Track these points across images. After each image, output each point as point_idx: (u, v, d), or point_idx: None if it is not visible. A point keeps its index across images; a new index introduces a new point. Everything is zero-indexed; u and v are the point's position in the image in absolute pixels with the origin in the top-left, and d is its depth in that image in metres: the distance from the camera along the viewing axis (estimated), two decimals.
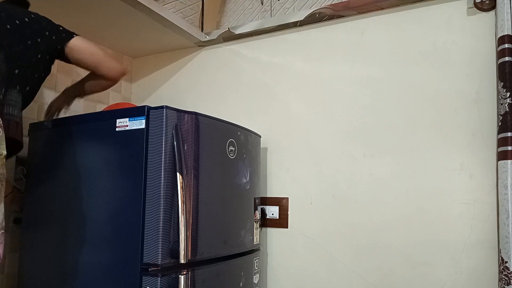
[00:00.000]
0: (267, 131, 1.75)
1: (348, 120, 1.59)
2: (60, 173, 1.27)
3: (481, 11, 1.40)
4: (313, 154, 1.64)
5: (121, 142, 1.16)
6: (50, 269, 1.25)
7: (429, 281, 1.38)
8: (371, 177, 1.52)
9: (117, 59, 1.30)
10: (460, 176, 1.38)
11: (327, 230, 1.57)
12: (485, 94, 1.37)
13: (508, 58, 1.26)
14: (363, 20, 1.60)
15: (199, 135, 1.21)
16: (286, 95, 1.73)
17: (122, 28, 1.76)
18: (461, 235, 1.35)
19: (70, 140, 1.27)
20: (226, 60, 1.89)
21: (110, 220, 1.14)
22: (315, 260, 1.58)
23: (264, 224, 1.70)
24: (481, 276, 1.31)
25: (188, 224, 1.13)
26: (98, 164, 1.19)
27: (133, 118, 1.15)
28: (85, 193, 1.21)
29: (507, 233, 1.20)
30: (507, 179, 1.21)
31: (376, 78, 1.55)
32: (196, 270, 1.16)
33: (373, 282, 1.47)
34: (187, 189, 1.15)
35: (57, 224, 1.26)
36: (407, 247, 1.43)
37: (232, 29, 1.83)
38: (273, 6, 1.94)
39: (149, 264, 1.07)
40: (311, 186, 1.63)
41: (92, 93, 1.40)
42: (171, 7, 1.77)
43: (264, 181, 1.73)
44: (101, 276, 1.14)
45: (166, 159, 1.11)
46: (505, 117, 1.25)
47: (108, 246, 1.14)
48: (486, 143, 1.35)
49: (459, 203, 1.37)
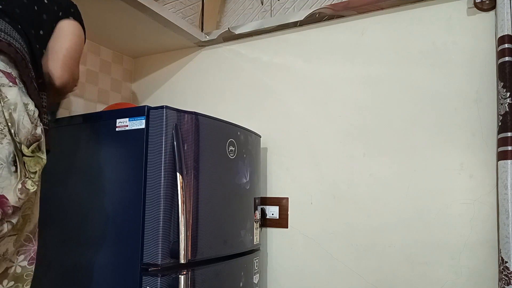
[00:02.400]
0: (267, 131, 1.75)
1: (348, 120, 1.59)
2: (60, 173, 1.27)
3: (481, 11, 1.40)
4: (313, 154, 1.64)
5: (121, 142, 1.16)
6: (50, 269, 1.25)
7: (429, 281, 1.38)
8: (371, 177, 1.52)
9: (75, 76, 1.09)
10: (460, 176, 1.38)
11: (327, 230, 1.57)
12: (485, 94, 1.37)
13: (508, 58, 1.26)
14: (363, 20, 1.60)
15: (199, 135, 1.21)
16: (286, 95, 1.73)
17: (122, 28, 1.76)
18: (461, 235, 1.35)
19: (70, 140, 1.27)
20: (226, 60, 1.89)
21: (110, 220, 1.14)
22: (315, 260, 1.58)
23: (264, 224, 1.70)
24: (481, 276, 1.31)
25: (188, 224, 1.13)
26: (98, 164, 1.19)
27: (133, 118, 1.15)
28: (85, 193, 1.21)
29: (507, 233, 1.20)
30: (507, 179, 1.21)
31: (376, 78, 1.55)
32: (196, 270, 1.16)
33: (373, 282, 1.47)
34: (187, 189, 1.15)
35: (57, 224, 1.26)
36: (407, 247, 1.43)
37: (232, 29, 1.83)
38: (273, 6, 1.94)
39: (149, 264, 1.07)
40: (311, 186, 1.63)
41: (54, 101, 1.18)
42: (171, 7, 1.77)
43: (264, 181, 1.73)
44: (101, 276, 1.14)
45: (166, 159, 1.11)
46: (505, 117, 1.25)
47: (108, 246, 1.14)
48: (486, 143, 1.35)
49: (459, 203, 1.37)
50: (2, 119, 0.74)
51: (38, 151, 0.82)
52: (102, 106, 1.94)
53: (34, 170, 0.81)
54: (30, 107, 0.79)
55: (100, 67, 1.21)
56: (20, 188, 0.77)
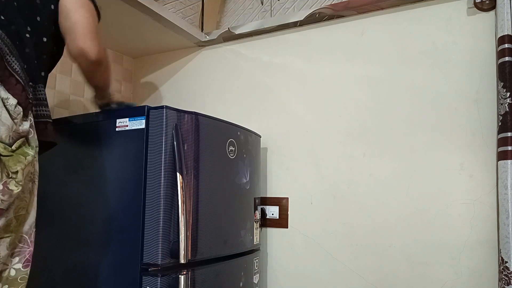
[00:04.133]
0: (267, 131, 1.75)
1: (348, 120, 1.59)
2: (60, 173, 1.27)
3: (481, 11, 1.40)
4: (313, 154, 1.64)
5: (121, 142, 1.16)
6: (50, 269, 1.25)
7: (429, 281, 1.38)
8: (371, 177, 1.52)
9: (103, 47, 1.07)
10: (460, 176, 1.38)
11: (327, 230, 1.57)
12: (485, 94, 1.37)
13: (508, 58, 1.26)
14: (363, 20, 1.60)
15: (199, 135, 1.21)
16: (286, 95, 1.73)
17: (122, 28, 1.76)
18: (461, 235, 1.35)
19: (70, 140, 1.27)
20: (226, 60, 1.89)
21: (110, 220, 1.14)
22: (315, 260, 1.58)
23: (264, 224, 1.70)
24: (481, 276, 1.31)
25: (188, 224, 1.13)
26: (98, 164, 1.19)
27: (133, 118, 1.15)
28: (85, 193, 1.21)
29: (507, 233, 1.20)
30: (507, 179, 1.21)
31: (376, 78, 1.55)
32: (196, 270, 1.16)
33: (373, 282, 1.47)
34: (187, 189, 1.15)
35: (57, 224, 1.26)
36: (407, 247, 1.43)
37: (232, 29, 1.83)
38: (273, 6, 1.94)
39: (149, 264, 1.07)
40: (311, 186, 1.62)
41: (96, 85, 1.22)
42: (171, 7, 1.77)
43: (264, 181, 1.73)
44: (101, 276, 1.14)
45: (166, 159, 1.11)
46: (505, 117, 1.25)
47: (108, 246, 1.14)
48: (486, 143, 1.35)
49: (459, 203, 1.37)
50: None
51: (26, 147, 0.78)
52: None
53: (15, 169, 0.76)
54: (10, 102, 0.74)
55: None
56: (2, 190, 0.74)
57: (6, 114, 0.73)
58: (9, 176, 0.75)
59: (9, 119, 0.74)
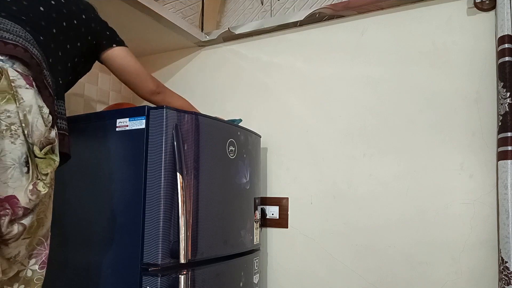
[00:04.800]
0: (267, 131, 1.75)
1: (348, 120, 1.59)
2: (60, 173, 1.27)
3: (481, 11, 1.40)
4: (313, 154, 1.64)
5: (121, 142, 1.16)
6: (50, 269, 1.24)
7: (429, 281, 1.38)
8: (371, 177, 1.52)
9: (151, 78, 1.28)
10: (460, 176, 1.38)
11: (327, 230, 1.57)
12: (485, 94, 1.37)
13: (508, 58, 1.26)
14: (363, 20, 1.60)
15: (199, 135, 1.21)
16: (286, 95, 1.73)
17: (122, 28, 1.75)
18: (461, 235, 1.35)
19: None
20: (226, 60, 1.89)
21: (110, 220, 1.14)
22: (315, 260, 1.58)
23: (264, 224, 1.70)
24: (481, 276, 1.31)
25: (188, 224, 1.13)
26: (98, 164, 1.19)
27: (133, 118, 1.15)
28: (85, 193, 1.21)
29: (507, 233, 1.20)
30: (507, 179, 1.21)
31: (376, 78, 1.55)
32: (196, 270, 1.16)
33: (373, 282, 1.47)
34: (187, 189, 1.15)
35: (57, 224, 1.25)
36: (407, 247, 1.43)
37: (232, 29, 1.83)
38: (273, 6, 1.94)
39: (149, 264, 1.07)
40: (311, 186, 1.63)
41: None
42: (171, 7, 1.77)
43: (264, 181, 1.73)
44: (101, 276, 1.14)
45: (166, 159, 1.11)
46: (505, 117, 1.25)
47: (108, 246, 1.14)
48: (486, 143, 1.35)
49: (459, 203, 1.37)
50: (17, 120, 0.75)
51: (51, 154, 0.83)
52: (102, 106, 1.94)
53: (46, 172, 0.81)
54: (44, 110, 0.80)
55: (100, 67, 1.20)
56: (31, 190, 0.77)
57: (41, 121, 0.79)
58: (38, 178, 0.79)
59: (43, 125, 0.80)
